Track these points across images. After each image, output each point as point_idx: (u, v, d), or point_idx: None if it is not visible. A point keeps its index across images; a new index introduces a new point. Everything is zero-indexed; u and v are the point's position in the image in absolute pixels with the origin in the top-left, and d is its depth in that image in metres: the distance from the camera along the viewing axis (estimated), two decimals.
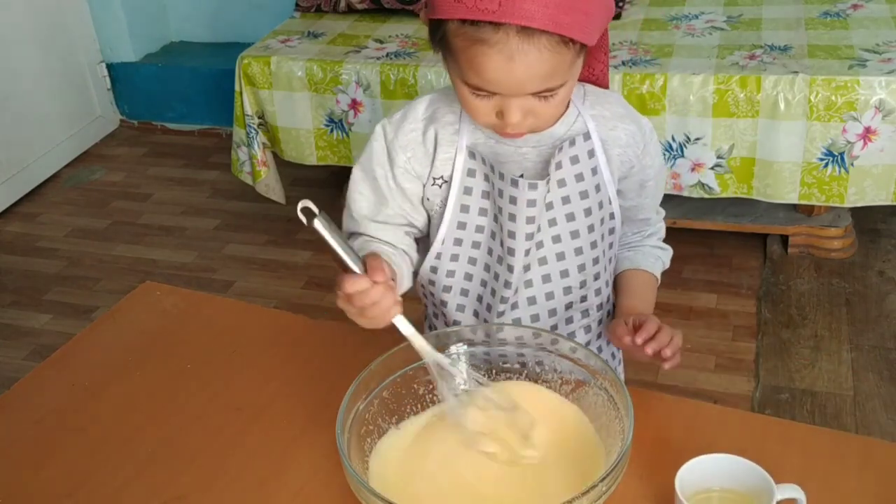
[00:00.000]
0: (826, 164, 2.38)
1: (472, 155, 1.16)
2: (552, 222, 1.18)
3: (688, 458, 0.97)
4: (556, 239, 1.20)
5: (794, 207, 2.69)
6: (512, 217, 1.16)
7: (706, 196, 2.52)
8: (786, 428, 1.13)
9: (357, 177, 1.21)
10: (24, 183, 3.43)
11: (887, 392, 2.18)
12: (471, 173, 1.17)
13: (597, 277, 1.25)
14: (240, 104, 2.78)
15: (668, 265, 1.34)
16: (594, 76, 1.21)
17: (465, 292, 1.26)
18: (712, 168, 2.46)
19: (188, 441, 1.15)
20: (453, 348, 1.11)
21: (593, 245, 1.22)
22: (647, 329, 1.11)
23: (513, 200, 1.15)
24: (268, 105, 2.76)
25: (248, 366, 1.27)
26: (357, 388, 1.02)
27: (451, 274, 1.24)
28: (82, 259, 3.03)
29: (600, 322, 1.31)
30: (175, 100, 3.82)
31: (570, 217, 1.19)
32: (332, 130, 2.75)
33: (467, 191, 1.18)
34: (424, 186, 1.20)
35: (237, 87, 2.76)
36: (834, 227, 2.68)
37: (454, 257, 1.23)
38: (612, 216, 1.23)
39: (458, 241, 1.22)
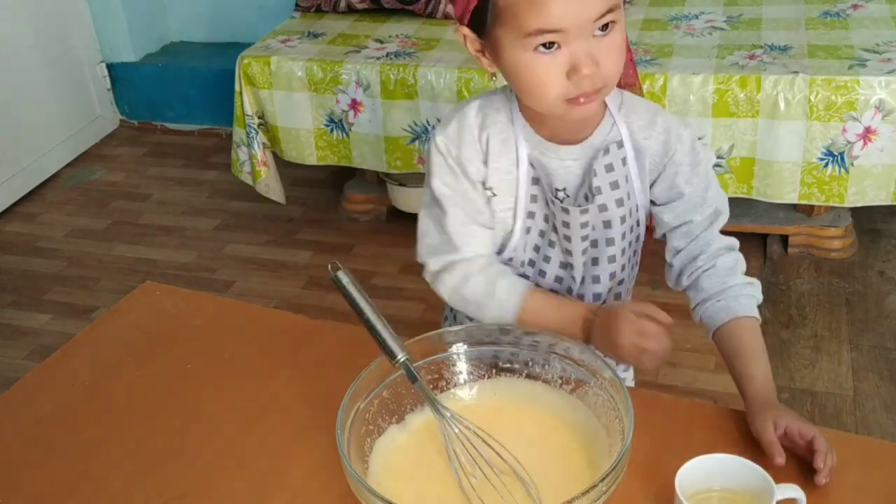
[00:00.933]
0: (826, 164, 2.37)
1: (532, 165, 1.17)
2: (591, 229, 1.20)
3: (688, 458, 0.97)
4: (594, 244, 1.21)
5: (794, 207, 2.69)
6: (567, 238, 1.19)
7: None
8: None
9: (436, 205, 1.19)
10: (25, 183, 3.43)
11: (887, 392, 2.18)
12: (535, 181, 1.18)
13: (620, 283, 1.27)
14: (240, 104, 2.78)
15: (761, 299, 1.22)
16: (627, 84, 1.24)
17: None
18: (712, 168, 2.45)
19: (188, 441, 1.15)
20: (454, 348, 1.12)
21: (623, 252, 1.23)
22: (823, 450, 1.01)
23: (566, 225, 1.17)
24: (268, 105, 2.76)
25: (247, 366, 1.27)
26: (357, 388, 1.03)
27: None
28: (82, 259, 3.03)
29: None
30: (175, 100, 3.82)
31: (607, 225, 1.19)
32: (332, 130, 2.75)
33: (533, 198, 1.19)
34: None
35: (237, 87, 2.76)
36: (834, 227, 2.68)
37: (530, 262, 1.25)
38: (638, 224, 1.23)
39: (523, 248, 1.23)
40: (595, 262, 1.23)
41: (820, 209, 2.68)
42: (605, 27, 1.02)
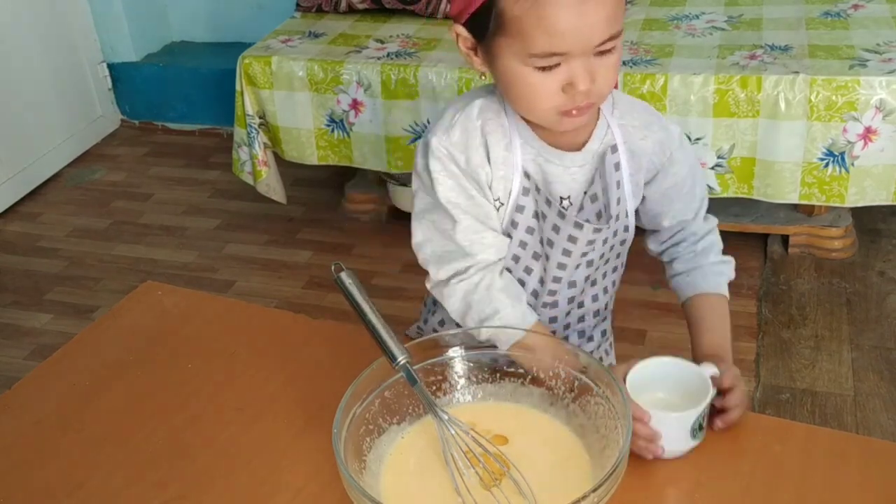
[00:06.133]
0: (826, 164, 2.37)
1: (526, 175, 1.14)
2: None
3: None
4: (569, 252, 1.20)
5: (795, 207, 2.69)
6: (567, 253, 1.17)
7: (707, 196, 2.52)
8: (786, 428, 1.13)
9: (436, 212, 1.15)
10: (26, 182, 3.43)
11: (888, 392, 2.18)
12: (525, 192, 1.15)
13: (593, 284, 1.25)
14: (241, 104, 2.78)
15: (733, 277, 1.28)
16: None
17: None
18: (713, 168, 2.46)
19: (188, 441, 1.15)
20: (455, 351, 1.11)
21: (602, 256, 1.22)
22: (736, 407, 1.08)
23: (572, 240, 1.15)
24: (269, 105, 2.76)
25: (248, 366, 1.27)
26: (356, 388, 1.02)
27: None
28: (83, 259, 3.03)
29: (594, 327, 1.30)
30: (176, 100, 3.82)
31: (597, 230, 1.17)
32: (332, 130, 2.76)
33: (519, 209, 1.16)
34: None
35: (238, 87, 2.77)
36: (834, 227, 2.68)
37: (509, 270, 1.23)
38: (626, 229, 1.21)
39: (523, 246, 1.21)
40: (577, 266, 1.21)
41: (820, 209, 2.68)
42: (605, 51, 1.03)
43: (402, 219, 2.98)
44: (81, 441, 1.16)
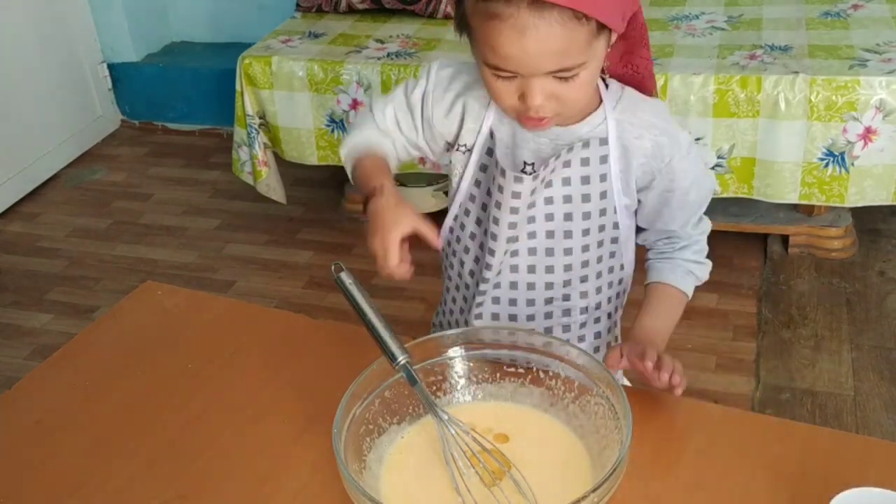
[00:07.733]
0: (826, 164, 2.37)
1: (491, 135, 1.18)
2: (549, 217, 1.19)
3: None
4: (550, 235, 1.20)
5: (795, 207, 2.69)
6: (497, 204, 1.18)
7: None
8: (786, 428, 1.13)
9: (398, 96, 1.27)
10: (26, 183, 3.43)
11: (888, 392, 2.18)
12: (489, 153, 1.19)
13: (583, 280, 1.24)
14: (241, 104, 2.78)
15: (703, 280, 1.29)
16: (638, 73, 1.19)
17: (462, 263, 1.29)
18: (713, 168, 2.46)
19: (188, 441, 1.15)
20: (455, 351, 1.11)
21: (584, 249, 1.21)
22: (650, 356, 1.08)
23: (500, 189, 1.17)
24: (269, 105, 2.76)
25: (248, 366, 1.27)
26: (356, 388, 1.03)
27: (458, 240, 1.28)
28: (83, 259, 3.03)
29: (582, 325, 1.29)
30: (176, 100, 3.82)
31: (568, 217, 1.18)
32: (332, 130, 2.76)
33: (483, 168, 1.20)
34: (450, 151, 1.24)
35: (238, 87, 2.77)
36: (834, 227, 2.68)
37: (462, 226, 1.26)
38: (615, 226, 1.21)
39: (467, 212, 1.25)
40: (550, 252, 1.21)
41: (820, 209, 2.68)
42: (564, 77, 1.03)
43: None
44: (81, 441, 1.17)
